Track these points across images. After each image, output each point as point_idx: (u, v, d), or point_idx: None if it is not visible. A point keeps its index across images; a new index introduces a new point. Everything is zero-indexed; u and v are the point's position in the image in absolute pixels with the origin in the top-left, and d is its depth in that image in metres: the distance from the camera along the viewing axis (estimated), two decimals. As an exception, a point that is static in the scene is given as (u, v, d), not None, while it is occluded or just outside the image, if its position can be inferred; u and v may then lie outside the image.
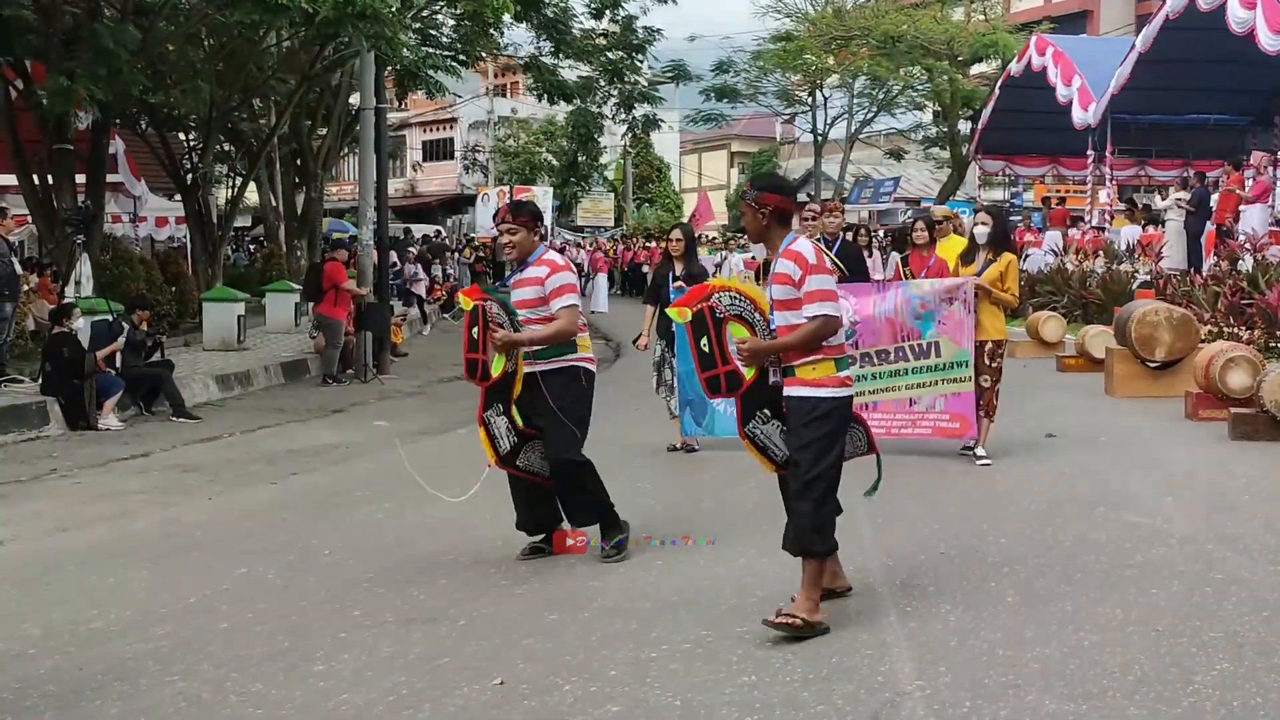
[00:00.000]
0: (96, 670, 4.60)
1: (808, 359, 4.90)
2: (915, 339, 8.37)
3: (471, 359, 6.03)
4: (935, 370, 8.33)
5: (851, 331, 8.17)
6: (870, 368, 8.41)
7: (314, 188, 26.28)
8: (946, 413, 8.35)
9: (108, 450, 10.15)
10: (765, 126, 51.33)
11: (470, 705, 4.13)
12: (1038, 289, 19.34)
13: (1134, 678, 4.25)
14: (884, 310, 8.44)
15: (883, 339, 8.44)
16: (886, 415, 8.43)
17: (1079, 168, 24.62)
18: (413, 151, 51.96)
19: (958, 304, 8.26)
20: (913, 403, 8.45)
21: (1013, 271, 8.33)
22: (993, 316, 8.36)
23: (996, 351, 8.40)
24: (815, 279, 4.86)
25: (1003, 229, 8.60)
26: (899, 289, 8.50)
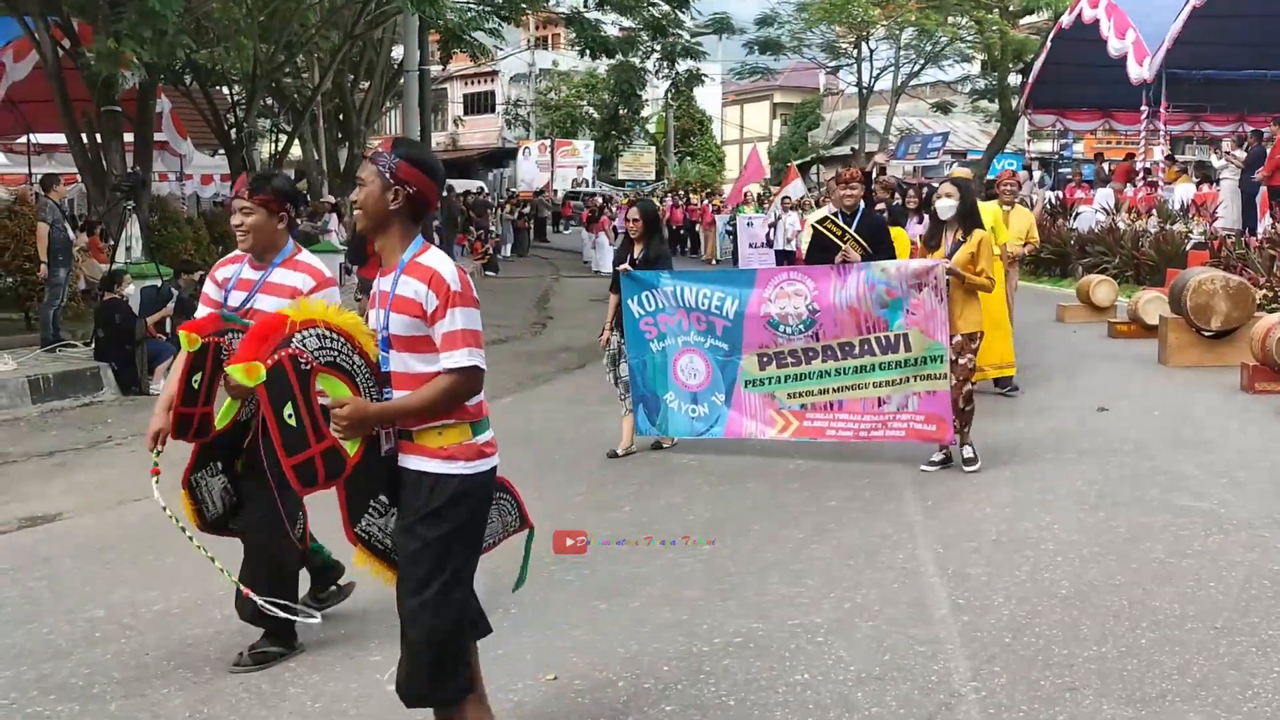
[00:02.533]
0: (160, 656, 4.68)
1: (440, 422, 3.51)
2: (882, 330, 7.47)
3: (184, 415, 4.44)
4: (906, 366, 7.44)
5: (811, 321, 7.58)
6: (834, 362, 7.62)
7: (357, 144, 26.30)
8: (920, 413, 7.45)
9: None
10: (808, 77, 50.76)
11: (525, 701, 4.17)
12: (1088, 249, 19.09)
13: (1192, 680, 4.22)
14: (846, 298, 7.51)
15: (846, 330, 7.56)
16: (854, 416, 7.65)
17: (1132, 122, 24.17)
18: (454, 105, 51.87)
19: (927, 290, 7.29)
20: (882, 402, 7.56)
21: (986, 251, 7.38)
22: (967, 305, 7.42)
23: (968, 345, 7.41)
24: (460, 314, 3.43)
25: (970, 203, 7.57)
26: (861, 272, 7.51)
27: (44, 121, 19.48)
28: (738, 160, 56.75)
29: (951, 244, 7.42)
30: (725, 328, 7.78)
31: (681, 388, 7.97)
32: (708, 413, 7.93)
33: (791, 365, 7.65)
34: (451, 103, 51.57)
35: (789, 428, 7.75)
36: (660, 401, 8.05)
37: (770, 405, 7.75)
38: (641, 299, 7.99)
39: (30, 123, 20.53)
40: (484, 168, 50.10)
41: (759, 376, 7.74)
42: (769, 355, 7.69)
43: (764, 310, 7.65)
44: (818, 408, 7.66)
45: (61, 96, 15.80)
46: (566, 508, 6.79)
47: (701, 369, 7.89)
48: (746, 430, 7.84)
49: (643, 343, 8.04)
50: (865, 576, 5.46)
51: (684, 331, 7.92)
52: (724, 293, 7.82)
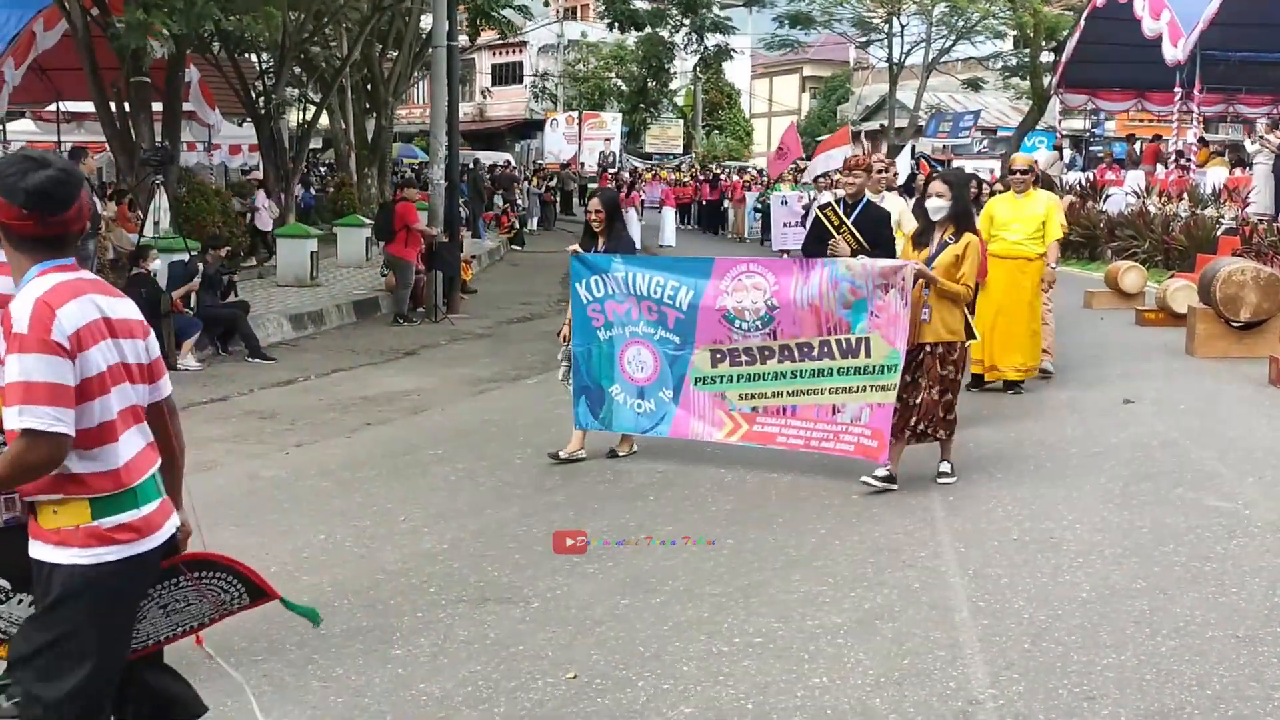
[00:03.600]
0: (184, 643, 4.71)
1: (46, 495, 2.83)
2: (844, 332, 6.92)
3: None
4: (863, 373, 6.88)
5: (769, 318, 7.07)
6: (790, 364, 7.09)
7: (384, 115, 26.32)
8: (869, 427, 6.86)
9: (187, 392, 10.33)
10: (839, 51, 50.35)
11: (545, 700, 4.20)
12: (1117, 232, 18.95)
13: (1211, 693, 4.21)
14: (808, 295, 6.97)
15: (805, 329, 7.02)
16: (807, 423, 7.09)
17: (1165, 103, 23.90)
18: (482, 76, 51.78)
19: (894, 292, 6.72)
20: (837, 411, 6.99)
21: (972, 256, 6.82)
22: (947, 311, 6.82)
23: (949, 356, 6.85)
24: (18, 361, 2.74)
25: (964, 202, 6.99)
26: (825, 269, 6.98)
27: (73, 89, 19.57)
28: (766, 134, 56.58)
29: (938, 245, 6.89)
30: (678, 319, 7.29)
31: (628, 381, 7.50)
32: (654, 409, 7.45)
33: (745, 364, 7.17)
34: (479, 73, 51.51)
35: (738, 431, 7.26)
36: (605, 394, 7.56)
37: (720, 405, 7.27)
38: (590, 284, 7.54)
39: (60, 91, 20.64)
40: (511, 139, 50.03)
41: (710, 374, 7.26)
42: (722, 352, 7.21)
43: (720, 303, 7.16)
44: (770, 411, 7.18)
45: (91, 66, 15.86)
46: (591, 497, 6.83)
47: (649, 362, 7.43)
48: (693, 431, 7.38)
49: (589, 330, 7.59)
50: (887, 575, 5.47)
51: (633, 321, 7.45)
52: (679, 282, 7.30)
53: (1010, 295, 9.49)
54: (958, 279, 6.77)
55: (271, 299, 15.10)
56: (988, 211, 9.75)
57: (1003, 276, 9.41)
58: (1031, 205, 9.61)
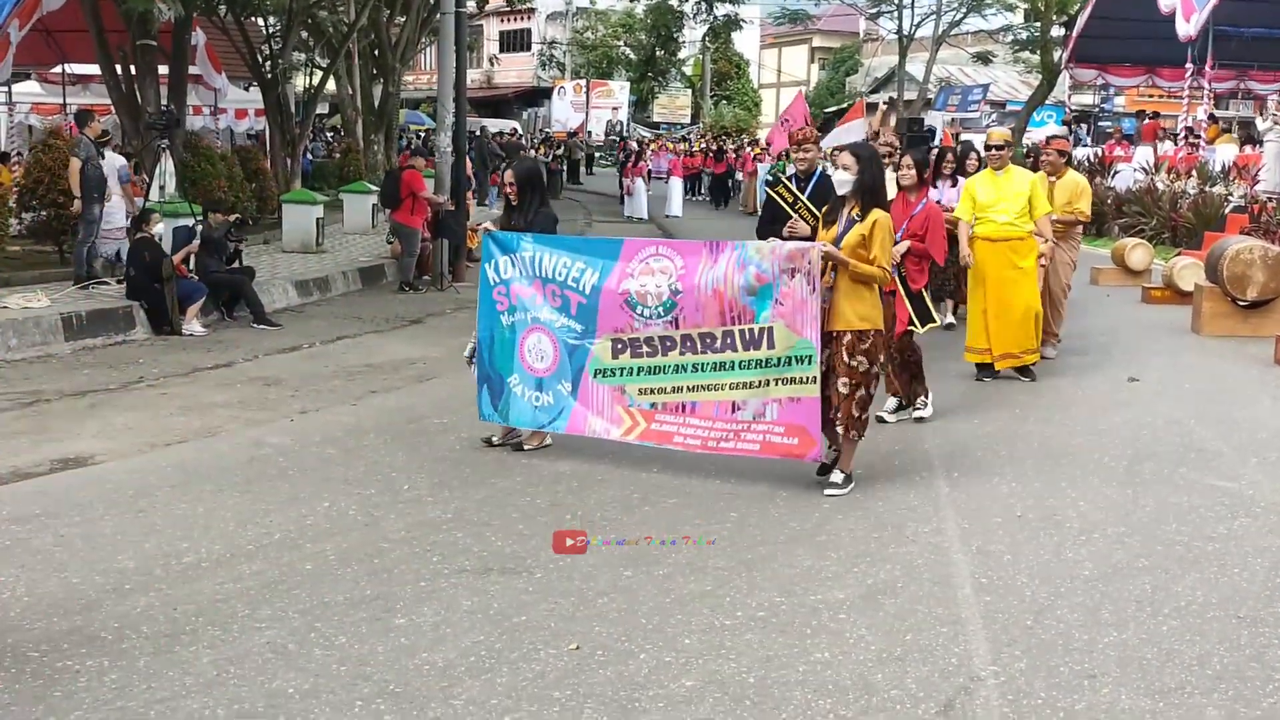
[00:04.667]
0: (189, 611, 4.75)
1: None
2: (747, 322, 6.36)
3: None
4: (767, 366, 6.33)
5: (672, 304, 6.51)
6: (692, 355, 6.52)
7: (391, 81, 26.20)
8: (780, 423, 6.34)
9: (192, 358, 10.36)
10: (848, 22, 50.01)
11: (547, 671, 4.21)
12: (1125, 209, 18.87)
13: (1212, 672, 4.22)
14: (713, 279, 6.41)
15: (708, 318, 6.45)
16: (705, 422, 6.53)
17: (1176, 79, 23.83)
18: (490, 43, 51.50)
19: (800, 277, 6.19)
20: (736, 408, 6.45)
21: (881, 235, 6.24)
22: (855, 298, 6.30)
23: (858, 346, 6.29)
24: None
25: (872, 177, 6.36)
26: (734, 251, 6.43)
27: (79, 51, 19.50)
28: (774, 105, 56.26)
29: (845, 223, 6.36)
30: (580, 305, 6.79)
31: (527, 371, 7.05)
32: (551, 403, 6.97)
33: (647, 355, 6.65)
34: (487, 40, 51.22)
35: (635, 429, 6.74)
36: (505, 384, 7.13)
37: (619, 400, 6.76)
38: (499, 265, 7.09)
39: (65, 53, 20.55)
40: (519, 107, 49.83)
41: (610, 365, 6.75)
42: (623, 342, 6.69)
43: (623, 286, 6.65)
44: (669, 408, 6.63)
45: (97, 28, 15.80)
46: (594, 469, 6.81)
47: (549, 352, 6.94)
48: (590, 428, 6.87)
49: (494, 314, 7.15)
50: (890, 551, 5.48)
51: (536, 306, 6.97)
52: (584, 263, 6.80)
53: (1007, 279, 8.99)
54: (870, 260, 6.23)
55: (277, 265, 15.08)
56: (968, 192, 9.19)
57: (996, 259, 8.97)
58: (1014, 182, 8.99)
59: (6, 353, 10.09)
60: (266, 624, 4.62)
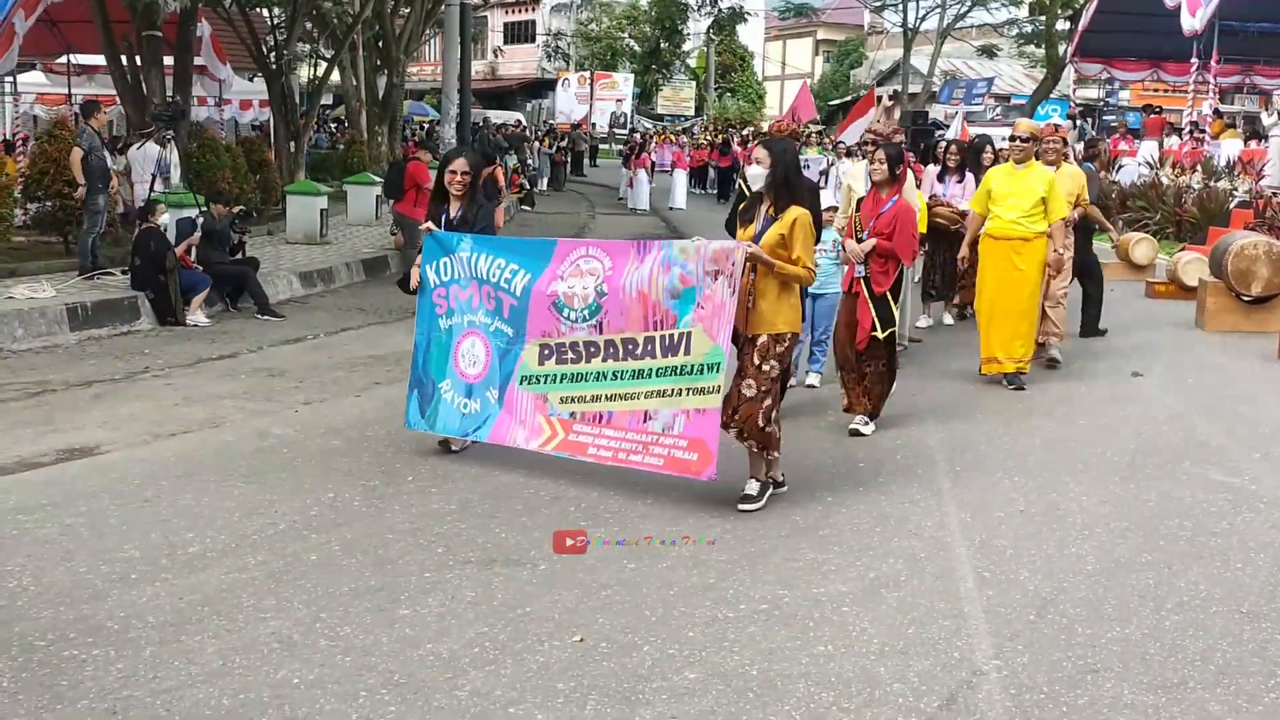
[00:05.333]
0: (195, 601, 4.77)
1: None
2: (669, 327, 5.97)
3: None
4: (680, 374, 5.93)
5: (597, 307, 6.20)
6: (614, 363, 6.17)
7: (395, 73, 26.20)
8: (684, 437, 5.92)
9: (197, 348, 10.38)
10: (853, 14, 50.00)
11: (551, 663, 4.23)
12: (1129, 203, 18.85)
13: (1215, 667, 4.24)
14: (638, 280, 6.06)
15: (632, 322, 6.10)
16: (618, 433, 6.17)
17: (1181, 73, 23.77)
18: (494, 35, 51.46)
19: (722, 280, 5.81)
20: (648, 418, 6.05)
21: (801, 234, 5.85)
22: (775, 300, 5.93)
23: (773, 349, 5.91)
24: None
25: (785, 171, 5.96)
26: (660, 251, 6.08)
27: (84, 42, 19.52)
28: (778, 97, 56.20)
29: (764, 221, 6.00)
30: (512, 307, 6.56)
31: (459, 377, 6.81)
32: (479, 410, 6.72)
33: (571, 362, 6.36)
34: (491, 31, 51.18)
35: (553, 439, 6.43)
36: (436, 390, 6.88)
37: (541, 409, 6.48)
38: (439, 265, 6.84)
39: (70, 43, 20.56)
40: (523, 99, 49.79)
41: (536, 372, 6.48)
42: (550, 347, 6.42)
43: (551, 288, 6.39)
44: (586, 418, 6.32)
45: (102, 19, 15.81)
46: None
47: (481, 357, 6.71)
48: (512, 437, 6.59)
49: (432, 317, 6.91)
50: (893, 544, 5.49)
51: (472, 310, 6.74)
52: (518, 264, 6.56)
53: (1004, 280, 8.59)
54: (793, 261, 5.86)
55: (281, 256, 15.10)
56: (985, 185, 8.86)
57: (996, 258, 8.63)
58: (1031, 179, 8.56)
59: (12, 343, 10.11)
60: (271, 614, 4.64)
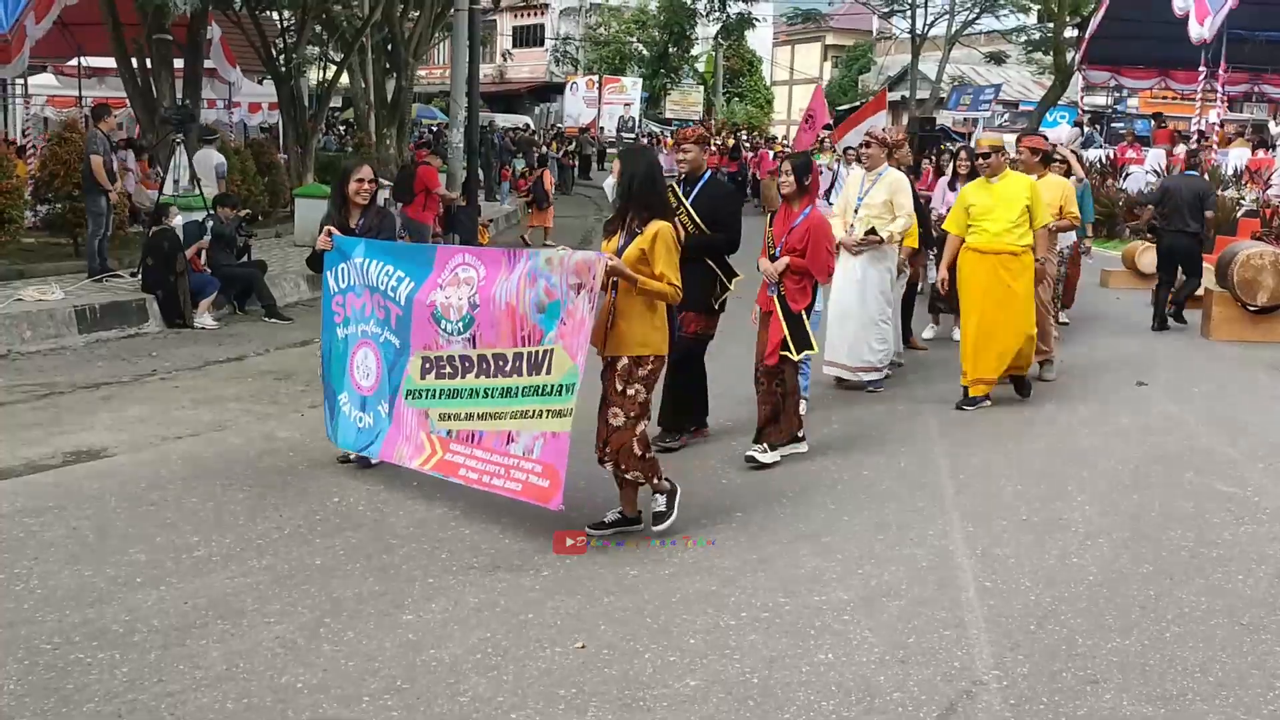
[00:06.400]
0: (200, 604, 4.80)
1: None
2: (535, 343, 5.61)
3: None
4: (541, 394, 5.57)
5: (470, 319, 5.87)
6: (485, 379, 5.83)
7: (404, 76, 26.23)
8: (540, 462, 5.57)
9: (204, 351, 10.42)
10: (862, 20, 50.02)
11: (553, 669, 4.25)
12: (1136, 211, 18.82)
13: (1214, 679, 4.25)
14: (506, 292, 5.71)
15: (502, 337, 5.75)
16: (486, 454, 5.84)
17: (1189, 81, 23.80)
18: (502, 38, 51.57)
19: (583, 295, 5.43)
20: (511, 440, 5.72)
21: (663, 248, 5.47)
22: (637, 319, 5.54)
23: (635, 373, 5.53)
24: None
25: (639, 181, 5.58)
26: (526, 261, 5.73)
27: (95, 44, 19.57)
28: (786, 102, 56.25)
29: (627, 235, 5.64)
30: (398, 317, 6.30)
31: (355, 389, 6.60)
32: (372, 424, 6.51)
33: (449, 377, 6.07)
34: (500, 35, 51.29)
35: (432, 458, 6.14)
36: (336, 402, 6.70)
37: (424, 426, 6.20)
38: (338, 272, 6.64)
39: (82, 46, 20.63)
40: (531, 102, 49.88)
41: (419, 387, 6.21)
42: (431, 360, 6.14)
43: (430, 298, 6.10)
44: (461, 437, 6.02)
45: (113, 22, 15.87)
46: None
47: (373, 368, 6.48)
48: (398, 454, 6.32)
49: (331, 326, 6.73)
50: (895, 552, 5.51)
51: (365, 318, 6.51)
52: (403, 272, 6.30)
53: (993, 296, 8.22)
54: (657, 276, 5.49)
55: (289, 259, 15.12)
56: (962, 200, 8.49)
57: (984, 274, 8.24)
58: (1012, 189, 8.22)
59: (21, 344, 10.16)
60: (276, 619, 4.67)
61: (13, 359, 9.83)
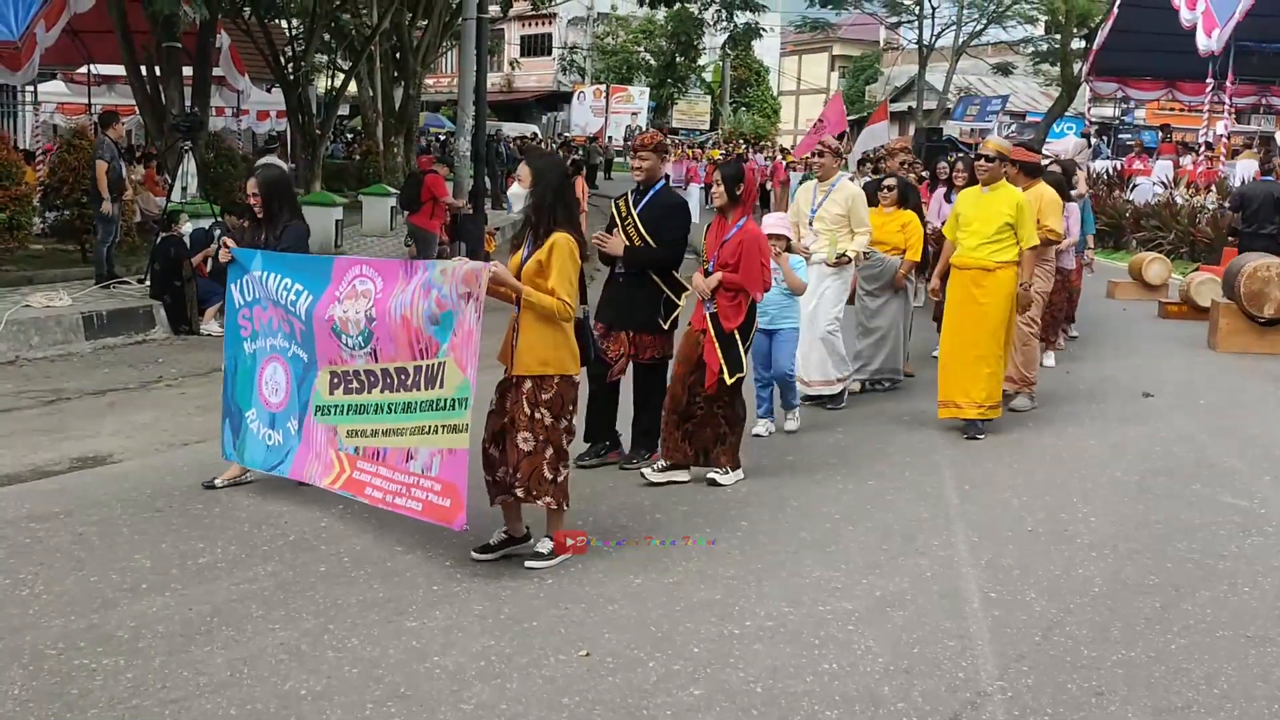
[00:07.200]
0: (204, 611, 4.80)
1: None
2: (432, 355, 5.42)
3: None
4: (437, 409, 5.40)
5: (369, 334, 5.69)
6: (389, 394, 5.66)
7: (412, 85, 26.33)
8: (439, 480, 5.39)
9: (210, 358, 10.42)
10: (869, 30, 50.07)
11: (557, 678, 4.25)
12: (1143, 223, 18.84)
13: (1219, 691, 4.24)
14: (401, 304, 5.52)
15: (400, 350, 5.57)
16: (389, 472, 5.66)
17: (1196, 93, 23.79)
18: (511, 47, 51.71)
19: (472, 305, 5.21)
20: (410, 457, 5.55)
21: (559, 261, 5.24)
22: (534, 337, 5.29)
23: (539, 395, 5.31)
24: None
25: (548, 193, 5.37)
26: (422, 272, 5.51)
27: (105, 52, 19.65)
28: (793, 112, 56.30)
29: (530, 246, 5.44)
30: (302, 331, 6.11)
31: (264, 405, 6.40)
32: (281, 442, 6.31)
33: (355, 392, 5.87)
34: (508, 44, 51.43)
35: (341, 476, 5.94)
36: (244, 420, 6.48)
37: (332, 444, 6.01)
38: (243, 284, 6.45)
39: (91, 53, 20.71)
40: (538, 111, 50.00)
41: (327, 402, 6.02)
42: (339, 375, 5.94)
43: (329, 312, 5.90)
44: (367, 454, 5.83)
45: (122, 30, 15.92)
46: (607, 474, 6.84)
47: (282, 384, 6.30)
48: (308, 473, 6.14)
49: (238, 340, 6.53)
50: (899, 563, 5.50)
51: (273, 332, 6.31)
52: (301, 285, 6.09)
53: (964, 312, 7.80)
54: (550, 290, 5.25)
55: (295, 266, 15.16)
56: (955, 209, 8.12)
57: (957, 289, 7.88)
58: (998, 203, 7.73)
59: (28, 351, 10.19)
60: (280, 625, 4.67)
61: (20, 365, 9.87)
